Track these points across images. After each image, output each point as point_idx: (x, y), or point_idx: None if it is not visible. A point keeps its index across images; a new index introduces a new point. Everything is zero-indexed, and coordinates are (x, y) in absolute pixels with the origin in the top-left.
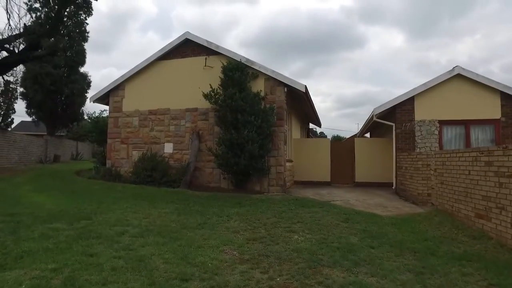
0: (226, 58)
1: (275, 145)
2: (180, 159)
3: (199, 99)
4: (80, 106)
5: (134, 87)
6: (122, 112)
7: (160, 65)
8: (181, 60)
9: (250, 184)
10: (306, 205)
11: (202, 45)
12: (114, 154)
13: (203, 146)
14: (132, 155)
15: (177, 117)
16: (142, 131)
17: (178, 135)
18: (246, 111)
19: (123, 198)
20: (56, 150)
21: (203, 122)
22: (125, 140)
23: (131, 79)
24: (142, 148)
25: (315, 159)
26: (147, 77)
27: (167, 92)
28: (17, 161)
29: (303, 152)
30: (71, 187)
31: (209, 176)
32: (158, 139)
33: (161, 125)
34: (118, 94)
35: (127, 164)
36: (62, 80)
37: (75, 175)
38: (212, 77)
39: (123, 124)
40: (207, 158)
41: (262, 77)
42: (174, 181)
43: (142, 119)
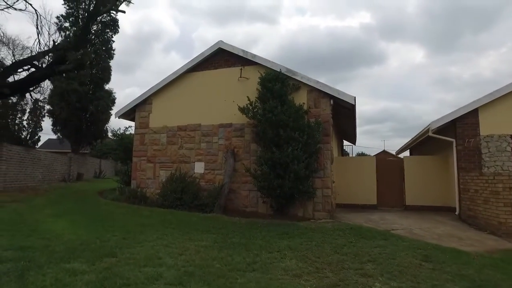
0: (263, 68)
1: (320, 165)
2: (212, 180)
3: (234, 113)
4: (104, 123)
5: (162, 101)
6: (149, 128)
7: (190, 78)
8: (213, 71)
9: (292, 209)
10: (365, 236)
11: (237, 55)
12: (140, 173)
13: (239, 165)
14: (159, 175)
15: (209, 133)
16: (170, 148)
17: (210, 154)
18: (289, 126)
19: (151, 225)
20: (79, 168)
21: (238, 139)
22: (152, 159)
23: (159, 93)
24: (170, 168)
25: (359, 180)
26: (176, 90)
27: (198, 106)
28: (41, 179)
29: (344, 172)
30: (93, 211)
31: (245, 199)
32: (187, 157)
33: (191, 142)
34: (144, 109)
35: (153, 184)
36: (88, 97)
37: (98, 196)
38: (247, 89)
39: (149, 141)
40: (243, 179)
41: (305, 88)
42: (206, 205)
43: (171, 136)
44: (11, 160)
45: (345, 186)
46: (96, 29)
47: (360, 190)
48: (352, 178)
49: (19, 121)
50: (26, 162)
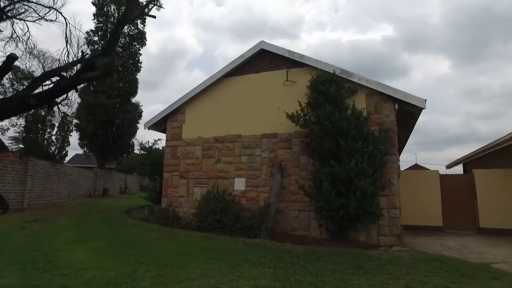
0: (313, 70)
1: (386, 180)
2: (255, 198)
3: (279, 122)
4: (131, 137)
5: (196, 110)
6: (181, 140)
7: (227, 83)
8: (255, 75)
9: (352, 233)
10: (464, 273)
11: (281, 56)
12: (171, 191)
13: (286, 181)
14: (193, 193)
15: (250, 145)
16: (206, 163)
17: (252, 168)
18: (350, 135)
19: (190, 255)
20: (105, 183)
21: (285, 151)
22: (185, 174)
23: (193, 100)
24: (206, 184)
25: (419, 198)
26: (212, 97)
27: (238, 115)
28: (66, 195)
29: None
30: (121, 235)
31: (294, 221)
32: (226, 172)
33: (230, 155)
34: (177, 119)
35: (187, 203)
36: (114, 110)
37: (125, 215)
38: (294, 94)
39: (182, 155)
40: (291, 197)
41: (362, 91)
42: (250, 228)
43: (206, 148)
44: (36, 176)
45: (405, 205)
46: (123, 42)
47: (421, 210)
48: (411, 196)
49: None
50: (52, 177)
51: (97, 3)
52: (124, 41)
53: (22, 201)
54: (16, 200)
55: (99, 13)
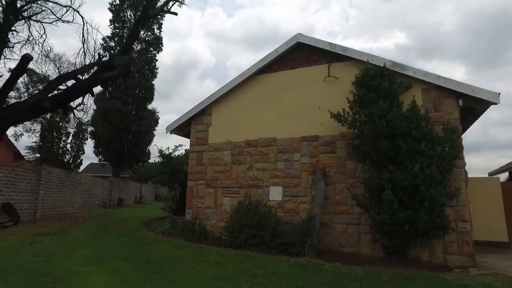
0: (359, 63)
1: (452, 188)
2: (294, 209)
3: (321, 123)
4: (147, 144)
5: (224, 111)
6: (207, 144)
7: (259, 81)
8: (290, 72)
9: (413, 250)
10: None
11: (321, 50)
12: (197, 201)
13: (330, 190)
14: (222, 203)
15: (287, 149)
16: (236, 169)
17: (289, 175)
18: (410, 135)
19: (229, 280)
20: (120, 192)
21: (328, 155)
22: (213, 183)
23: (221, 101)
24: (236, 194)
25: (478, 208)
26: (242, 97)
27: (272, 116)
28: (81, 205)
29: None
30: (143, 253)
31: (341, 236)
32: (259, 180)
33: (263, 161)
34: (202, 121)
35: (214, 215)
36: (130, 116)
37: (145, 228)
38: (337, 91)
39: (209, 161)
40: (337, 208)
41: (418, 86)
42: (292, 244)
43: (236, 154)
44: (50, 184)
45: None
46: (139, 48)
47: (480, 222)
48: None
49: (63, 144)
50: (66, 186)
51: (113, 9)
52: (140, 47)
53: (35, 211)
54: (28, 210)
55: (116, 18)
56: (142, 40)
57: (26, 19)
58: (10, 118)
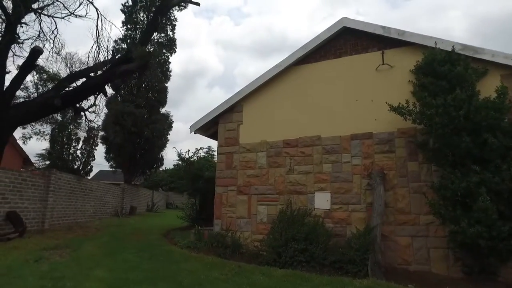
0: (419, 49)
1: None
2: (345, 219)
3: (374, 118)
4: (160, 149)
5: (257, 107)
6: (239, 145)
7: (298, 72)
8: (334, 61)
9: (505, 271)
10: None
11: (371, 35)
12: (227, 210)
13: (390, 196)
14: (257, 212)
15: (334, 149)
16: (273, 173)
17: (338, 179)
18: (500, 128)
19: None
20: (132, 200)
21: (385, 155)
22: (245, 189)
23: (253, 96)
24: (275, 201)
25: None
26: (278, 91)
27: (314, 112)
28: (92, 214)
29: None
30: (171, 275)
31: (406, 250)
32: (302, 185)
33: (306, 163)
34: (232, 119)
35: (248, 226)
36: (143, 120)
37: (165, 241)
38: (393, 82)
39: (241, 164)
40: (399, 217)
41: (496, 72)
42: (349, 262)
43: (273, 155)
44: (59, 191)
45: None
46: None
47: None
48: None
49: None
50: (77, 193)
51: (126, 10)
52: (153, 49)
53: (43, 221)
54: (36, 220)
55: (128, 20)
56: (154, 42)
57: (37, 12)
58: (17, 117)
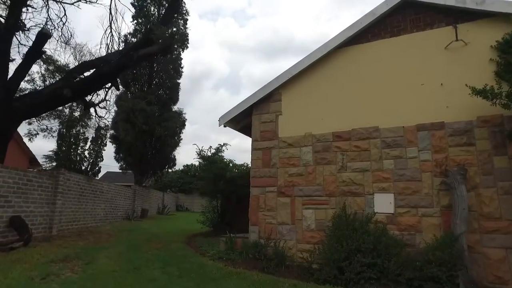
0: (502, 21)
1: None
2: (414, 225)
3: (446, 105)
4: (173, 149)
5: (299, 95)
6: (278, 139)
7: (347, 54)
8: (391, 40)
9: None
10: None
11: (438, 7)
12: (265, 215)
13: (471, 198)
14: (303, 218)
15: (397, 142)
16: (321, 171)
17: (404, 178)
18: None
19: None
20: (143, 203)
21: (463, 149)
22: (288, 190)
23: (293, 82)
24: (324, 204)
25: None
26: (323, 76)
27: (369, 99)
28: (103, 217)
29: None
30: None
31: (499, 266)
32: (358, 185)
33: (362, 159)
34: (268, 109)
35: (292, 234)
36: (155, 118)
37: (190, 250)
38: (468, 61)
39: (281, 161)
40: (485, 224)
41: None
42: (431, 279)
43: (321, 150)
44: (69, 193)
45: None
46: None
47: None
48: None
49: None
50: (87, 195)
51: (136, 4)
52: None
53: (51, 226)
54: (43, 225)
55: (139, 14)
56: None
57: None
58: (22, 110)
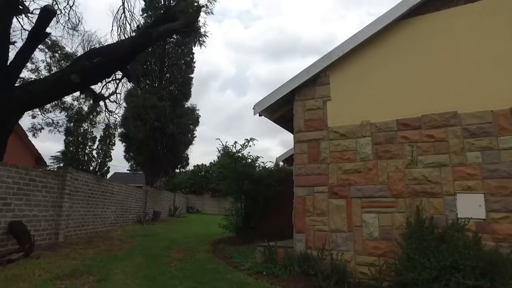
0: None
1: None
2: None
3: None
4: (186, 147)
5: (350, 76)
6: (327, 129)
7: (408, 27)
8: (465, 7)
9: None
10: None
11: None
12: (313, 220)
13: None
14: (363, 223)
15: (484, 130)
16: (385, 167)
17: (496, 174)
18: None
19: None
20: (154, 204)
21: None
22: (342, 190)
23: (343, 62)
24: (390, 207)
25: None
26: (380, 53)
27: (441, 78)
28: (113, 221)
29: None
30: None
31: None
32: (433, 184)
33: (437, 151)
34: (314, 94)
35: (349, 244)
36: (167, 114)
37: (220, 261)
38: None
39: (333, 155)
40: None
41: None
42: None
43: (383, 141)
44: (76, 194)
45: None
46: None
47: None
48: None
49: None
50: (96, 197)
51: None
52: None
53: (57, 232)
54: (47, 231)
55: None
56: None
57: None
58: (24, 99)
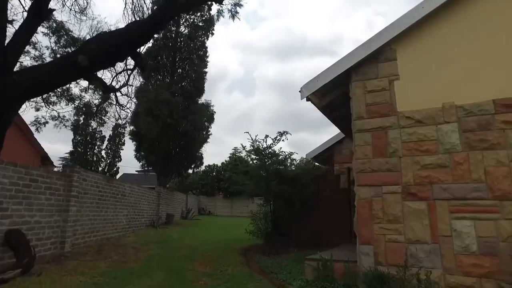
0: None
1: None
2: None
3: None
4: (200, 145)
5: (423, 49)
6: (396, 114)
7: None
8: None
9: None
10: None
11: None
12: (384, 228)
13: None
14: (454, 233)
15: None
16: (480, 161)
17: None
18: None
19: None
20: (167, 207)
21: None
22: (421, 190)
23: (412, 34)
24: (491, 212)
25: None
26: (464, 18)
27: None
28: (125, 225)
29: None
30: None
31: None
32: None
33: None
34: (376, 73)
35: (435, 258)
36: (180, 111)
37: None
38: None
39: (405, 146)
40: None
41: None
42: None
43: (475, 128)
44: (85, 197)
45: None
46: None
47: None
48: None
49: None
50: (107, 199)
51: None
52: (189, 31)
53: (63, 241)
54: (52, 239)
55: None
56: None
57: None
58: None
